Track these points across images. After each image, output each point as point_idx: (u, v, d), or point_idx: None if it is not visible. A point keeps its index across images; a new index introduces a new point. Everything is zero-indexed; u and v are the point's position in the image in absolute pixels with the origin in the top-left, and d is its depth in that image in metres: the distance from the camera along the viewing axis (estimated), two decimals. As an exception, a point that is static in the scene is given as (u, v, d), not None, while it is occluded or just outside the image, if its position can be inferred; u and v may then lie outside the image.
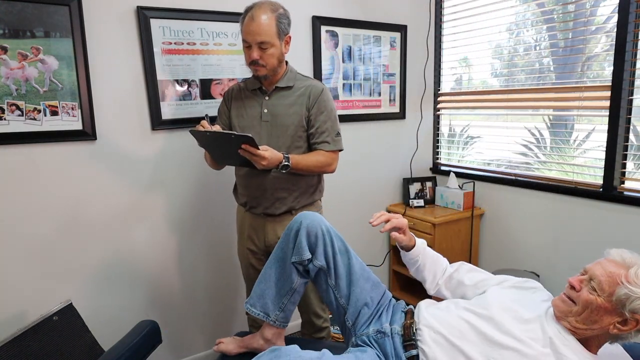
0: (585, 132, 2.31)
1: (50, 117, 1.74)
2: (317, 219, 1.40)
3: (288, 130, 1.68)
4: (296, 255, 1.38)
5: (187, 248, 2.17)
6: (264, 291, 1.43)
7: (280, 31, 1.59)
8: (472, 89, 2.81)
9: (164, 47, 1.94)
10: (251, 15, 1.55)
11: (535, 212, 2.42)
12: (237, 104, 1.75)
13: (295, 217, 1.43)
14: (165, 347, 2.10)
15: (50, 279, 1.84)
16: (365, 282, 1.40)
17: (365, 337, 1.33)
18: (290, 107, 1.69)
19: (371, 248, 2.82)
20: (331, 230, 1.41)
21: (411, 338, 1.24)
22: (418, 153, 2.91)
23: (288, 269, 1.41)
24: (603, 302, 1.07)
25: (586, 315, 1.09)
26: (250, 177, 1.72)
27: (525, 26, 2.47)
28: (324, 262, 1.38)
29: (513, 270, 2.44)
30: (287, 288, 1.41)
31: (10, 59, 1.65)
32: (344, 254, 1.41)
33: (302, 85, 1.71)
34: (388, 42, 2.66)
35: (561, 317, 1.15)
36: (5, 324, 1.74)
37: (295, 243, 1.38)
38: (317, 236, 1.37)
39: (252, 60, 1.59)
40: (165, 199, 2.07)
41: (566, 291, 1.19)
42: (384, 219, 1.39)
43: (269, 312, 1.43)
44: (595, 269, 1.14)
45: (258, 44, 1.56)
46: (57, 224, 1.83)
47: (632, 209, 2.01)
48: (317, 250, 1.38)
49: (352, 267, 1.40)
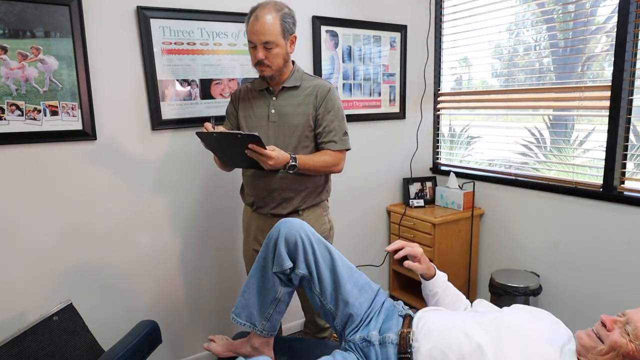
0: (585, 132, 2.31)
1: (50, 117, 1.74)
2: (296, 226, 1.36)
3: (296, 131, 1.68)
4: (277, 266, 1.34)
5: (188, 247, 2.17)
6: (248, 301, 1.40)
7: (285, 31, 1.59)
8: (472, 89, 2.81)
9: (164, 47, 1.94)
10: (256, 15, 1.56)
11: (535, 212, 2.42)
12: (245, 105, 1.75)
13: (275, 225, 1.39)
14: (165, 347, 2.10)
15: (51, 278, 1.84)
16: (353, 287, 1.36)
17: (352, 344, 1.30)
18: (297, 107, 1.68)
19: (371, 248, 2.82)
20: (312, 237, 1.36)
21: (407, 351, 1.19)
22: (418, 153, 2.91)
23: (270, 279, 1.37)
24: (633, 349, 1.01)
25: (610, 358, 1.04)
26: (258, 178, 1.72)
27: (525, 26, 2.47)
28: (306, 270, 1.34)
29: (513, 270, 2.44)
30: (271, 298, 1.38)
31: (10, 59, 1.65)
32: (327, 260, 1.36)
33: (309, 85, 1.71)
34: (388, 42, 2.66)
35: (582, 353, 1.09)
36: (5, 324, 1.74)
37: (275, 253, 1.35)
38: (296, 244, 1.33)
39: (258, 60, 1.59)
40: (166, 198, 2.07)
41: (595, 327, 1.11)
42: (399, 246, 1.37)
43: (255, 322, 1.39)
44: (635, 315, 1.06)
45: (263, 43, 1.56)
46: (57, 224, 1.83)
47: (632, 209, 2.01)
48: (298, 259, 1.33)
49: (337, 272, 1.35)
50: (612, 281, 2.11)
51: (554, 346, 1.12)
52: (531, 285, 2.23)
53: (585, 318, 2.24)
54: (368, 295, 1.37)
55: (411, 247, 1.37)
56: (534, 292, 2.24)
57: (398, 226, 2.75)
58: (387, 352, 1.22)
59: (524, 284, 2.24)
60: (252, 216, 1.83)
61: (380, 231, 2.86)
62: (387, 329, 1.28)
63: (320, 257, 1.35)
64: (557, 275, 2.34)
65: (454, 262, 2.65)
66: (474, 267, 2.76)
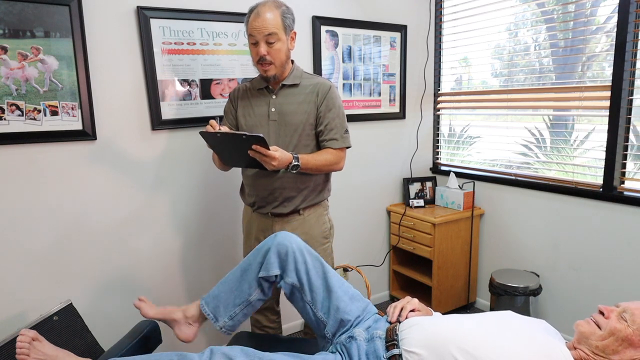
0: (585, 132, 2.31)
1: (50, 117, 1.74)
2: (291, 239, 1.39)
3: (297, 129, 1.68)
4: (264, 271, 1.36)
5: (188, 247, 2.17)
6: (219, 295, 1.42)
7: (286, 26, 1.60)
8: (472, 89, 2.81)
9: (164, 47, 1.94)
10: (257, 11, 1.57)
11: (535, 212, 2.42)
12: (244, 104, 1.75)
13: (271, 235, 1.42)
14: (165, 347, 2.10)
15: (51, 278, 1.84)
16: (344, 295, 1.37)
17: (337, 345, 1.31)
18: (298, 105, 1.69)
19: (371, 248, 2.82)
20: (304, 249, 1.39)
21: (393, 338, 1.22)
22: (418, 153, 2.91)
23: (247, 282, 1.39)
24: (631, 334, 1.04)
25: (609, 343, 1.06)
26: (259, 178, 1.72)
27: (525, 26, 2.47)
28: (296, 279, 1.36)
29: (513, 270, 2.44)
30: (243, 299, 1.39)
31: (10, 59, 1.64)
32: (319, 268, 1.39)
33: (310, 84, 1.71)
34: (388, 42, 2.66)
35: (581, 340, 1.12)
36: (5, 324, 1.74)
37: (265, 258, 1.37)
38: (287, 253, 1.36)
39: (260, 57, 1.59)
40: (166, 198, 2.07)
41: (594, 316, 1.15)
42: (398, 311, 1.33)
43: (218, 317, 1.40)
44: (630, 304, 1.11)
45: (265, 37, 1.56)
46: (57, 223, 1.83)
47: (632, 209, 2.01)
48: (288, 267, 1.36)
49: (328, 280, 1.37)
50: (612, 281, 2.12)
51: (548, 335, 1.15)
52: (531, 285, 2.23)
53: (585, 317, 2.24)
54: (359, 304, 1.38)
55: (408, 303, 1.35)
56: (534, 292, 2.24)
57: (398, 226, 2.75)
58: (374, 346, 1.23)
59: (524, 284, 2.24)
60: (252, 216, 1.83)
61: (380, 231, 2.86)
62: (375, 328, 1.30)
63: (312, 267, 1.38)
64: (557, 275, 2.34)
65: (454, 262, 2.65)
66: (474, 267, 2.76)
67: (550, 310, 2.40)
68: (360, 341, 1.26)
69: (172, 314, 1.45)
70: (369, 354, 1.22)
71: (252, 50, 1.62)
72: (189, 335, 1.45)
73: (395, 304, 1.36)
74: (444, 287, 2.63)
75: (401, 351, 1.17)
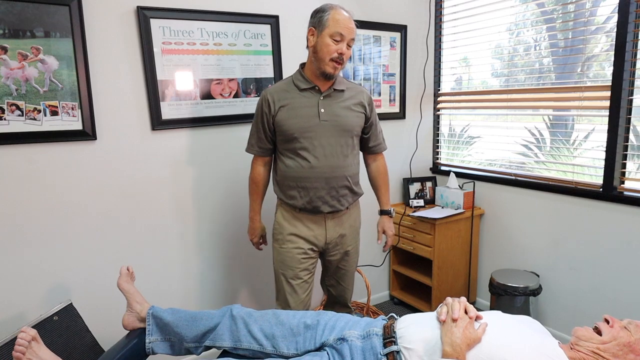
0: (585, 132, 2.31)
1: (50, 117, 1.74)
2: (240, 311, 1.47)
3: (352, 131, 1.74)
4: (210, 341, 1.44)
5: (188, 248, 2.17)
6: (168, 318, 1.47)
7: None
8: (472, 89, 2.81)
9: (164, 47, 1.94)
10: (346, 11, 1.61)
11: (535, 212, 2.42)
12: (286, 105, 1.68)
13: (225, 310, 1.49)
14: (165, 347, 2.10)
15: (51, 278, 1.84)
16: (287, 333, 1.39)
17: (326, 347, 1.30)
18: (349, 110, 1.73)
19: (371, 248, 2.82)
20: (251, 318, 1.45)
21: (391, 335, 1.22)
22: (418, 153, 2.91)
23: (197, 332, 1.46)
24: (633, 342, 1.07)
25: (610, 347, 1.08)
26: (317, 179, 1.70)
27: (525, 26, 2.47)
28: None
29: (513, 270, 2.45)
30: (183, 337, 1.46)
31: (10, 59, 1.65)
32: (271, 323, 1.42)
33: (354, 90, 1.78)
34: (388, 42, 2.66)
35: (580, 342, 1.13)
36: (5, 324, 1.74)
37: (219, 327, 1.44)
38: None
39: (339, 54, 1.61)
40: (166, 198, 2.07)
41: (597, 323, 1.17)
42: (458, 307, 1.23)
43: (153, 333, 1.48)
44: (634, 320, 1.15)
45: (349, 40, 1.62)
46: (57, 224, 1.83)
47: (632, 209, 2.01)
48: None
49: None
50: (612, 281, 2.12)
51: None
52: (531, 285, 2.23)
53: (585, 318, 2.24)
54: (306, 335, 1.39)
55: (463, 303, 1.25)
56: (534, 292, 2.24)
57: (398, 226, 2.75)
58: (371, 343, 1.23)
59: (524, 284, 2.24)
60: (297, 217, 1.77)
61: (380, 231, 2.86)
62: (372, 326, 1.31)
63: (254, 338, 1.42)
64: (557, 275, 2.34)
65: (454, 262, 2.65)
66: (474, 267, 2.76)
67: (550, 310, 2.40)
68: (353, 341, 1.26)
69: (134, 302, 1.54)
70: (366, 351, 1.22)
71: (330, 46, 1.59)
72: (128, 324, 1.54)
73: (451, 301, 1.24)
74: (444, 287, 2.63)
75: (399, 348, 1.17)
